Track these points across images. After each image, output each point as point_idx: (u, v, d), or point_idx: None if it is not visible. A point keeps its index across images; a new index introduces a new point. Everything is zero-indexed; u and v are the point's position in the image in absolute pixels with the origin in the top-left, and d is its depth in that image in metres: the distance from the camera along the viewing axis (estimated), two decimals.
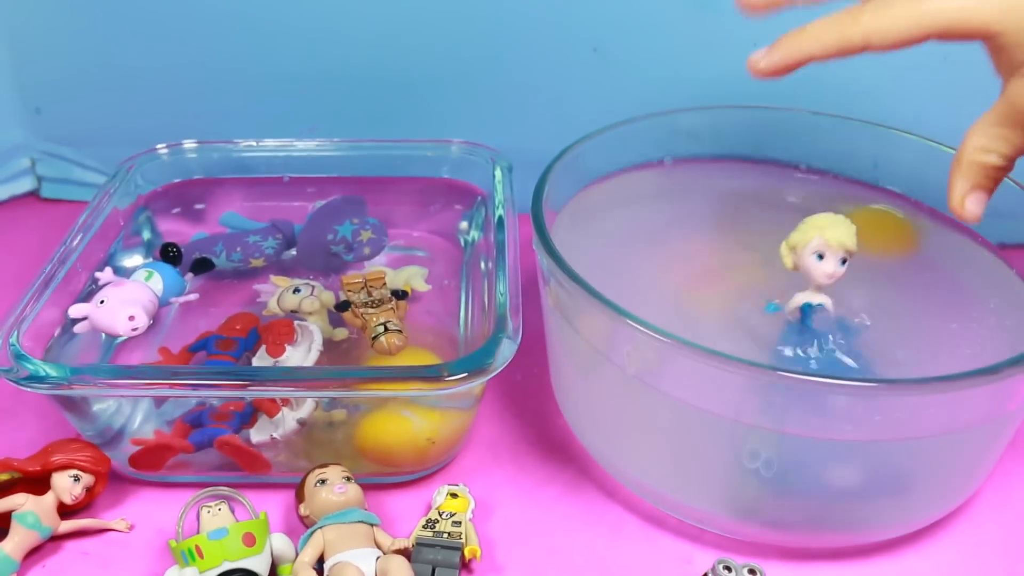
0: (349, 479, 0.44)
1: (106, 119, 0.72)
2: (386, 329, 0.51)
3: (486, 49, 0.66)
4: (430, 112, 0.69)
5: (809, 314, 0.44)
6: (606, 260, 0.50)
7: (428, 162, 0.63)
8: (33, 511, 0.44)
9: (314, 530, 0.42)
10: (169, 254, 0.59)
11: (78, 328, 0.51)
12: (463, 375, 0.42)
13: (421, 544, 0.43)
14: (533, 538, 0.46)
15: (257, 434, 0.47)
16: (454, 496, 0.46)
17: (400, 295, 0.55)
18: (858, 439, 0.40)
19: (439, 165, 0.64)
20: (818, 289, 0.45)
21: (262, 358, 0.51)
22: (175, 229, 0.63)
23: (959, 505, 0.46)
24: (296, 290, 0.56)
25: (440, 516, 0.44)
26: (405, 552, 0.43)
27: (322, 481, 0.44)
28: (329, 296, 0.56)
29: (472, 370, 0.43)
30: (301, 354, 0.51)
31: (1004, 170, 0.39)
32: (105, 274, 0.53)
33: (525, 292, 0.48)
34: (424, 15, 0.65)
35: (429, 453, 0.48)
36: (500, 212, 0.55)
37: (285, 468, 0.48)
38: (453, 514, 0.44)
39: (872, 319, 0.46)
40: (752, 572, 0.41)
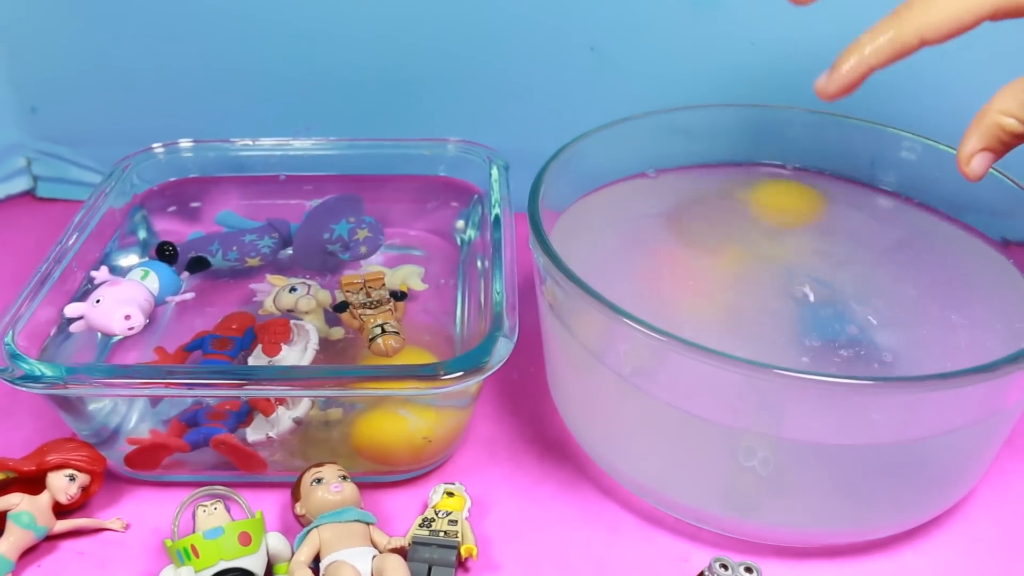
0: (345, 478, 0.44)
1: (102, 118, 0.71)
2: (383, 331, 0.51)
3: (483, 48, 0.66)
4: (427, 111, 0.69)
5: None
6: (605, 262, 0.50)
7: (425, 161, 0.63)
8: (28, 511, 0.44)
9: (310, 529, 0.42)
10: (165, 253, 0.59)
11: (74, 327, 0.51)
12: (459, 374, 0.42)
13: (417, 543, 0.43)
14: (529, 536, 0.46)
15: (253, 433, 0.47)
16: (450, 495, 0.46)
17: (398, 296, 0.55)
18: (856, 437, 0.40)
19: (436, 164, 0.63)
20: None
21: (258, 357, 0.51)
22: (171, 228, 0.63)
23: (956, 503, 0.46)
24: (292, 289, 0.56)
25: (436, 515, 0.44)
26: (401, 551, 0.43)
27: (318, 480, 0.44)
28: (325, 295, 0.56)
29: (468, 369, 0.43)
30: (297, 353, 0.51)
31: (1021, 138, 0.38)
32: (101, 273, 0.53)
33: (521, 291, 0.48)
34: (420, 14, 0.65)
35: (425, 452, 0.48)
36: (497, 211, 0.55)
37: (281, 467, 0.48)
38: (449, 513, 0.44)
39: (875, 317, 0.46)
40: (749, 570, 0.41)
